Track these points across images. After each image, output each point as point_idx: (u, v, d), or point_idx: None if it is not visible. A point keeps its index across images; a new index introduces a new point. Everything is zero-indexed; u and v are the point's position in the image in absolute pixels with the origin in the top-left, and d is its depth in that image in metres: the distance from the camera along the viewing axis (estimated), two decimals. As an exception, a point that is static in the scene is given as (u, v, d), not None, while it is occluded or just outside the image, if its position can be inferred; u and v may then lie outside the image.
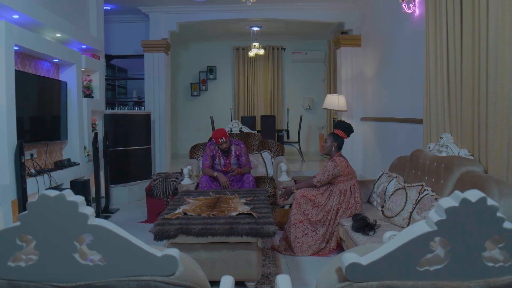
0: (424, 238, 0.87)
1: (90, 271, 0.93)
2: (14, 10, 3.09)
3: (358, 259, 0.89)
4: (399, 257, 0.88)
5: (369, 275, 0.89)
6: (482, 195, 0.86)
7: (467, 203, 0.86)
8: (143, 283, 0.91)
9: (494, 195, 2.31)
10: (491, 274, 0.91)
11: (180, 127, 9.47)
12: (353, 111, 6.45)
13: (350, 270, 0.89)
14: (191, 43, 9.33)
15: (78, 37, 4.29)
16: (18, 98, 3.18)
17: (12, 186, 3.02)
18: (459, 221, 0.87)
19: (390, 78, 5.16)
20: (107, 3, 6.17)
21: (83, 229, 0.92)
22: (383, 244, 0.91)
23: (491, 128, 2.58)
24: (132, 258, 0.92)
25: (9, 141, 3.00)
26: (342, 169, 3.42)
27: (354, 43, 6.36)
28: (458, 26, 2.95)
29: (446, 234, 0.88)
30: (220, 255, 2.62)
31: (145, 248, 0.93)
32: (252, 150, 5.11)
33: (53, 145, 4.06)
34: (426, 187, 2.89)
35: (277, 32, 8.71)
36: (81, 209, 0.92)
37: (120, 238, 0.93)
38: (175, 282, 0.91)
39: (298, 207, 3.48)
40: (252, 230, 2.50)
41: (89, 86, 4.66)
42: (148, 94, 6.53)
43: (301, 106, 9.41)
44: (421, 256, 0.89)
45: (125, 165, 5.43)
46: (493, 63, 2.54)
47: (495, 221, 0.88)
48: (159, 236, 2.52)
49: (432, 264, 0.91)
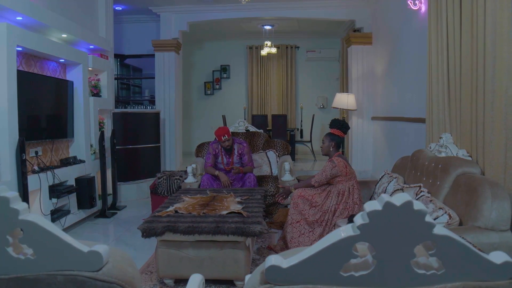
0: (346, 243, 0.84)
1: (22, 264, 0.96)
2: (17, 12, 3.20)
3: (279, 262, 0.87)
4: (321, 261, 0.85)
5: (290, 278, 0.87)
6: (408, 198, 0.82)
7: (391, 207, 0.82)
8: (70, 277, 0.94)
9: (487, 198, 2.22)
10: (422, 282, 0.87)
11: (194, 125, 9.56)
12: (364, 110, 6.33)
13: (270, 272, 0.87)
14: (205, 42, 9.40)
15: (85, 38, 4.39)
16: (22, 97, 3.29)
17: (13, 182, 3.13)
18: (383, 225, 0.83)
19: (399, 77, 5.03)
20: (118, 4, 6.30)
21: (14, 224, 0.94)
22: (307, 248, 0.88)
23: (489, 128, 2.48)
24: (60, 253, 0.95)
25: (10, 139, 3.11)
26: (340, 170, 3.36)
27: (365, 41, 6.24)
28: (458, 23, 2.85)
29: (370, 239, 0.84)
30: (208, 254, 2.63)
31: (73, 244, 0.94)
32: (258, 149, 5.10)
33: (59, 143, 4.18)
34: (423, 188, 2.81)
35: (290, 31, 8.65)
36: (12, 204, 0.94)
37: (49, 234, 0.94)
38: (99, 278, 0.93)
39: (296, 207, 3.45)
40: (238, 229, 2.49)
41: (96, 86, 4.76)
42: (158, 93, 6.63)
43: (315, 105, 9.32)
44: (344, 261, 0.85)
45: (134, 163, 5.53)
46: (491, 60, 2.44)
47: (424, 226, 0.84)
48: (146, 233, 2.55)
49: (359, 270, 0.87)
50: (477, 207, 2.24)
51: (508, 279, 0.89)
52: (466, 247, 0.87)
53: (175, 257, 2.64)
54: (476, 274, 0.89)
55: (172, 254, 2.64)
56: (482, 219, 2.20)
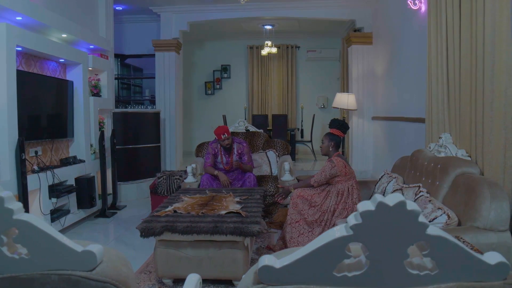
0: (340, 243, 0.84)
1: (16, 264, 0.96)
2: (17, 12, 3.20)
3: (272, 262, 0.87)
4: (314, 261, 0.85)
5: (283, 278, 0.86)
6: (401, 198, 0.82)
7: (384, 207, 0.82)
8: (64, 277, 0.94)
9: (486, 198, 2.22)
10: (415, 283, 0.87)
11: (195, 125, 9.57)
12: (364, 110, 6.33)
13: (262, 272, 0.86)
14: (206, 42, 9.40)
15: (85, 38, 4.40)
16: (21, 97, 3.29)
17: (12, 182, 3.14)
18: (376, 225, 0.83)
19: (399, 76, 5.03)
20: (118, 4, 6.30)
21: (8, 223, 0.94)
22: (301, 248, 0.88)
23: (488, 128, 2.48)
24: (55, 253, 0.95)
25: (10, 139, 3.12)
26: (339, 170, 3.36)
27: (365, 41, 6.23)
28: (457, 22, 2.84)
29: (363, 239, 0.84)
30: (207, 253, 2.63)
31: (67, 244, 0.94)
32: (257, 149, 5.10)
33: (59, 142, 4.19)
34: (422, 188, 2.80)
35: (291, 31, 8.64)
36: (7, 204, 0.94)
37: (43, 233, 0.94)
38: (93, 277, 0.93)
39: (295, 207, 3.45)
40: (236, 229, 2.49)
41: (97, 85, 4.77)
42: (159, 92, 6.63)
43: (316, 105, 9.31)
44: (338, 261, 0.85)
45: (134, 163, 5.54)
46: (490, 60, 2.43)
47: (417, 226, 0.83)
48: (145, 233, 2.55)
49: (352, 270, 0.87)
50: (475, 208, 2.24)
51: (502, 279, 0.89)
52: (459, 248, 0.86)
53: (173, 257, 2.64)
54: (470, 275, 0.88)
55: (170, 254, 2.65)
56: (481, 219, 2.20)
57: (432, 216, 2.47)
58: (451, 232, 2.28)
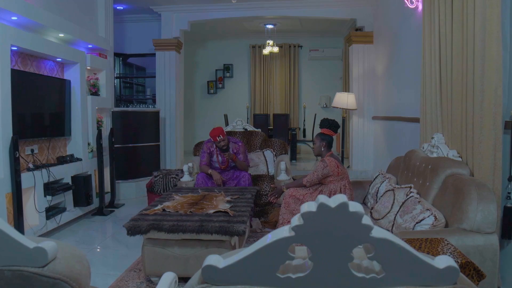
0: (281, 244, 0.83)
1: None
2: (12, 12, 3.24)
3: (216, 262, 0.86)
4: (257, 262, 0.84)
5: (226, 278, 0.86)
6: (344, 200, 0.81)
7: (326, 208, 0.81)
8: (17, 272, 0.95)
9: (473, 199, 2.19)
10: (361, 286, 0.85)
11: (197, 124, 9.60)
12: (365, 110, 6.28)
13: (206, 272, 0.86)
14: (208, 41, 9.42)
15: (83, 37, 4.43)
16: (17, 96, 3.33)
17: (6, 180, 3.18)
18: (318, 227, 0.82)
19: (398, 76, 4.98)
20: (119, 3, 6.34)
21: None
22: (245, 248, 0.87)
23: (478, 128, 2.44)
24: (7, 249, 0.95)
25: (4, 137, 3.15)
26: (332, 169, 3.34)
27: (366, 40, 6.18)
28: (449, 21, 2.80)
29: (305, 241, 0.83)
30: (193, 252, 2.63)
31: (19, 240, 0.95)
32: (255, 148, 5.09)
33: (56, 141, 4.23)
34: (413, 189, 2.77)
35: (293, 30, 8.61)
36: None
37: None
38: (44, 274, 0.94)
39: (287, 207, 3.44)
40: (222, 228, 2.49)
41: (95, 84, 4.81)
42: (159, 91, 6.66)
43: (318, 104, 9.27)
44: (280, 262, 0.84)
45: (133, 161, 5.57)
46: (480, 58, 2.39)
47: (361, 228, 0.82)
48: (131, 231, 2.56)
49: (296, 272, 0.86)
50: (462, 209, 2.20)
51: (452, 284, 0.87)
52: (406, 251, 0.85)
53: (161, 255, 2.65)
54: (418, 279, 0.87)
55: (158, 252, 2.65)
56: (467, 221, 2.17)
57: (420, 217, 2.44)
58: (437, 233, 2.25)
